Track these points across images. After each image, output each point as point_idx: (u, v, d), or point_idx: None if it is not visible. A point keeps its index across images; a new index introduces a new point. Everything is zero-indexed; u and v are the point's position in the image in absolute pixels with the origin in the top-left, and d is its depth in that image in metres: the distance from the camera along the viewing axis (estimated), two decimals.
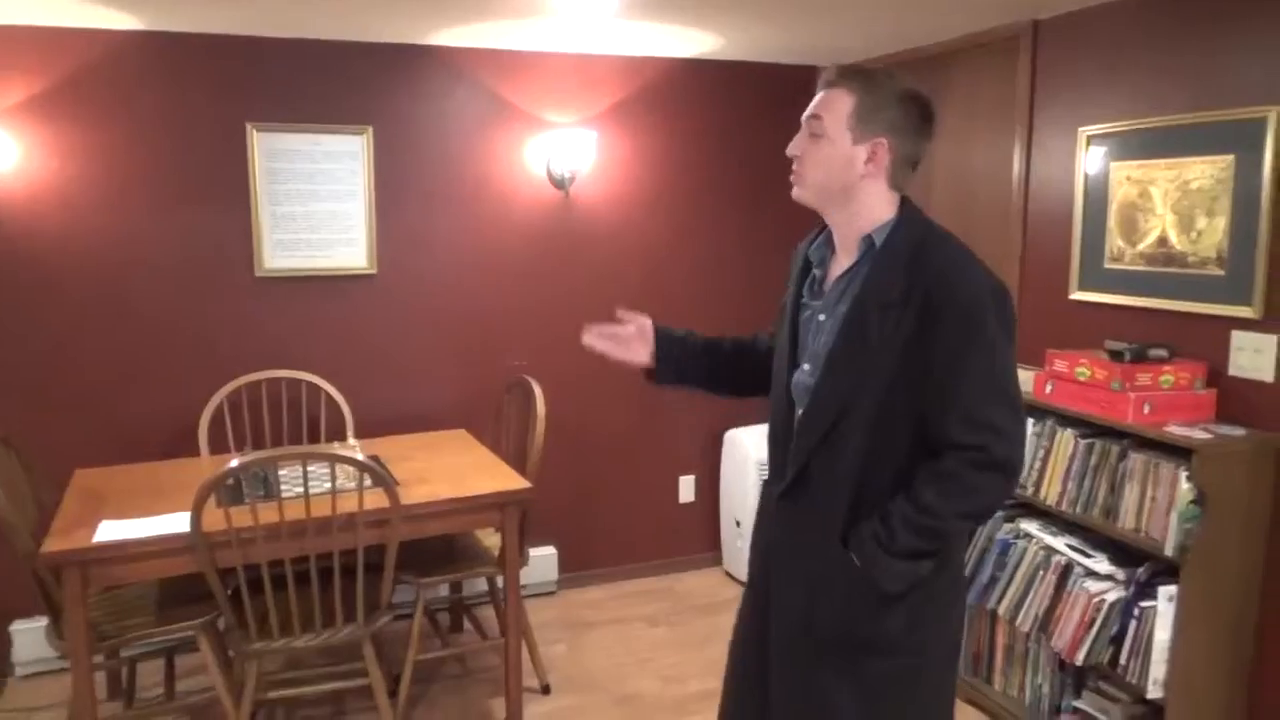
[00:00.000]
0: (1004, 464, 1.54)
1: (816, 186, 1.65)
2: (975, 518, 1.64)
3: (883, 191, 1.63)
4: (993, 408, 1.53)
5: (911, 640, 1.66)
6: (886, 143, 1.59)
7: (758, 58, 3.90)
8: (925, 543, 1.57)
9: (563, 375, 3.80)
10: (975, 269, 1.56)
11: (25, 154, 3.15)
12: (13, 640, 3.31)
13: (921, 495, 1.55)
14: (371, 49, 3.46)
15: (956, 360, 1.52)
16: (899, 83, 1.61)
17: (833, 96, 1.61)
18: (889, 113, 1.58)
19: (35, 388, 3.26)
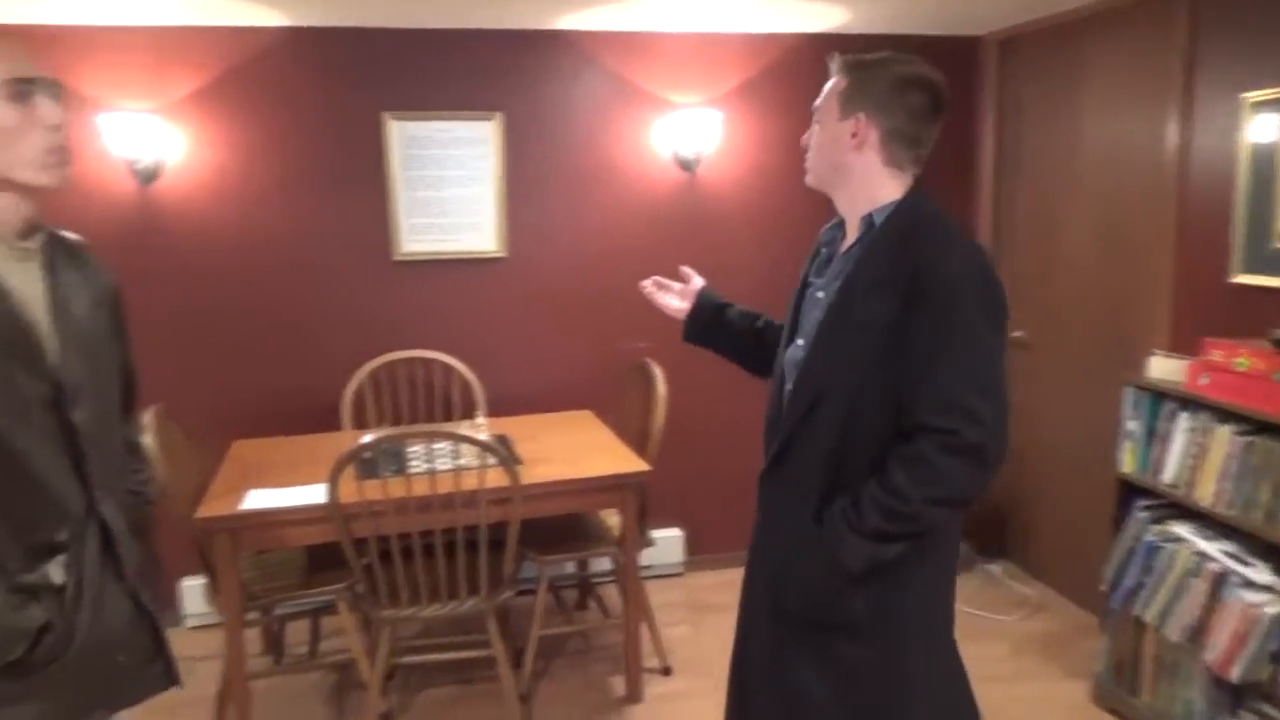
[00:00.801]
0: (976, 450, 1.50)
1: (816, 168, 1.71)
2: (946, 504, 1.55)
3: (877, 168, 1.64)
4: (967, 391, 1.50)
5: (881, 627, 1.64)
6: (865, 117, 1.61)
7: (892, 30, 3.74)
8: (892, 526, 1.54)
9: (688, 358, 3.75)
10: (960, 251, 1.56)
11: (189, 146, 3.40)
12: (182, 595, 3.60)
13: (892, 478, 1.53)
14: (501, 36, 3.54)
15: (931, 341, 1.51)
16: (900, 67, 1.63)
17: (831, 83, 1.68)
18: (875, 91, 1.62)
19: (198, 364, 3.53)
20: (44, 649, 1.42)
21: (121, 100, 3.30)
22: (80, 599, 1.47)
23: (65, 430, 1.45)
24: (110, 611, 1.52)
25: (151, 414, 2.73)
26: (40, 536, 1.43)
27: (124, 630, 1.56)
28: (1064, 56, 3.52)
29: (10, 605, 1.39)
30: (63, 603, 1.45)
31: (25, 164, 1.40)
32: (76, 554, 1.47)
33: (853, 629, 1.64)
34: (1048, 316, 3.73)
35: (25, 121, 1.39)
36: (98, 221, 3.34)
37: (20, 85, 1.39)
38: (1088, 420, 3.51)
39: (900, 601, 1.63)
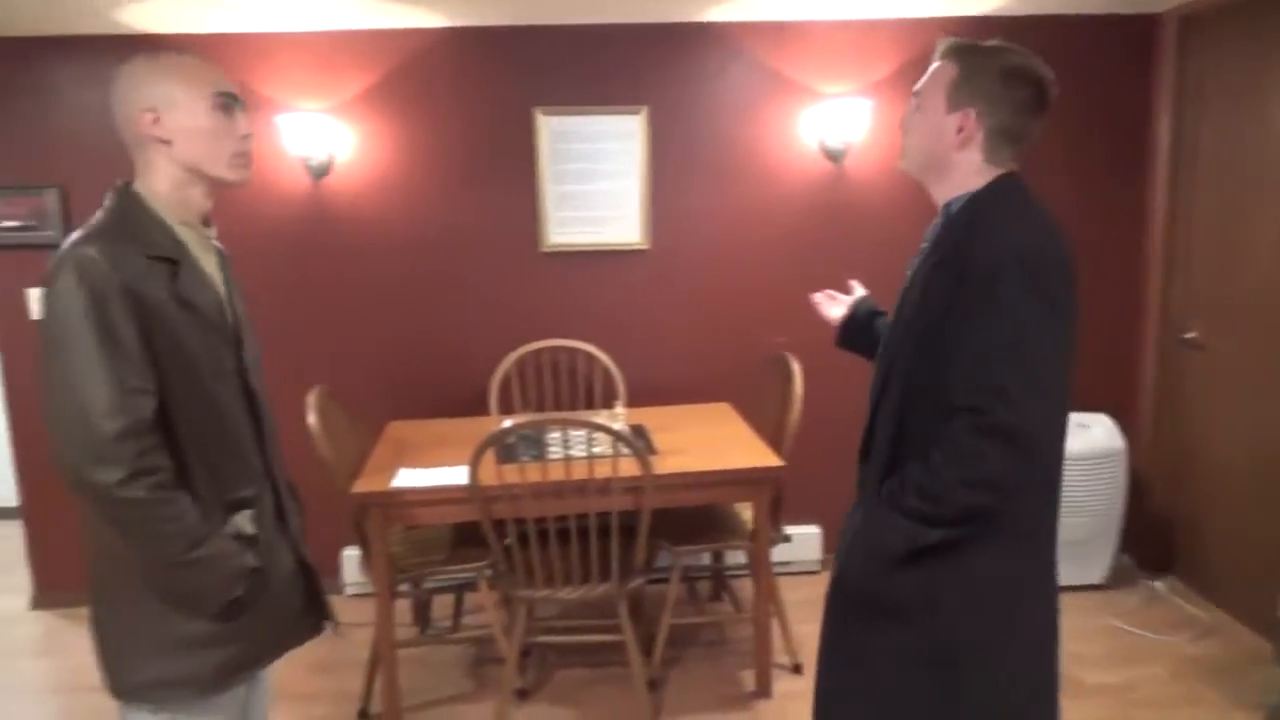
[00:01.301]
0: (1009, 431, 1.45)
1: (914, 157, 1.68)
2: (980, 488, 1.49)
3: (976, 163, 1.61)
4: (1001, 370, 1.45)
5: (928, 619, 1.60)
6: (975, 113, 1.57)
7: (1058, 9, 3.53)
8: (927, 506, 1.53)
9: (829, 354, 3.70)
10: (1008, 231, 1.51)
11: (357, 143, 3.61)
12: (342, 564, 3.85)
13: (931, 456, 1.52)
14: (648, 30, 3.57)
15: (968, 318, 1.49)
16: (1009, 58, 1.58)
17: (937, 69, 1.63)
18: (985, 84, 1.57)
19: (359, 350, 3.75)
20: (252, 590, 1.62)
21: (297, 101, 3.54)
22: (268, 551, 1.67)
23: (248, 397, 1.68)
24: (283, 562, 1.72)
25: (315, 394, 2.93)
26: (235, 492, 1.64)
27: (291, 580, 1.74)
28: (1254, 34, 3.22)
29: (234, 547, 1.59)
30: (258, 550, 1.65)
31: (219, 162, 1.62)
32: (260, 510, 1.68)
33: (898, 613, 1.63)
34: (1226, 316, 3.44)
35: (224, 128, 1.62)
36: (274, 216, 3.62)
37: (224, 98, 1.62)
38: (1270, 428, 3.22)
39: (952, 592, 1.59)
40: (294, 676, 3.21)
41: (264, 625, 1.67)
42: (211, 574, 1.55)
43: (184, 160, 1.59)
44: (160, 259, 1.54)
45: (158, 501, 1.47)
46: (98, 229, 1.52)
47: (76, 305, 1.44)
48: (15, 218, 3.55)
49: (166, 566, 1.52)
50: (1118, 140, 3.74)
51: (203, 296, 1.59)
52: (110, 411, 1.43)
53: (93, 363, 1.43)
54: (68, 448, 1.45)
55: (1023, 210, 1.57)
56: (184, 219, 1.62)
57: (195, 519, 1.53)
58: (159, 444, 1.50)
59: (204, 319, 1.58)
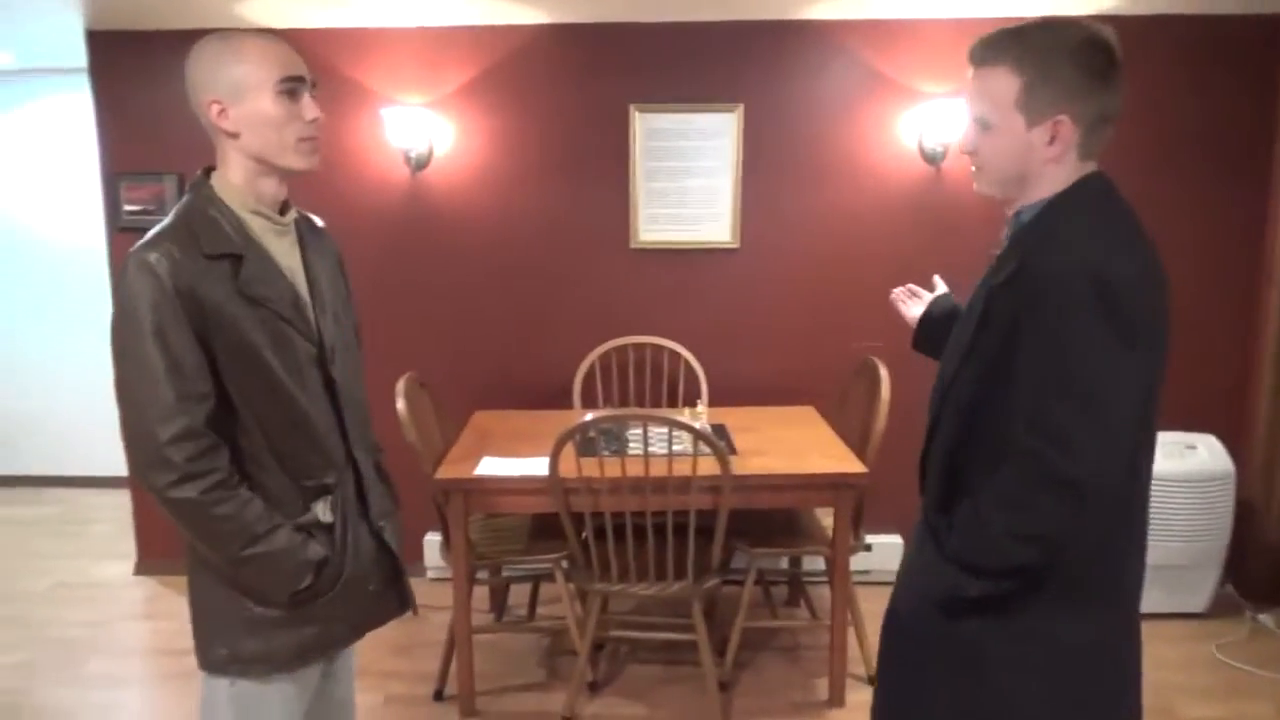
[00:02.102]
0: (1068, 482, 1.28)
1: (997, 181, 1.47)
2: (1033, 542, 1.33)
3: (1071, 165, 1.41)
4: (1062, 411, 1.28)
5: (977, 679, 1.45)
6: (1069, 117, 1.36)
7: (1179, 10, 3.36)
8: (971, 554, 1.39)
9: (920, 362, 3.63)
10: (1081, 240, 1.31)
11: (455, 137, 3.68)
12: (424, 548, 3.94)
13: (983, 500, 1.38)
14: (745, 27, 3.54)
15: (1030, 350, 1.32)
16: (1066, 33, 1.36)
17: (990, 78, 1.40)
18: (1063, 79, 1.35)
19: (449, 339, 3.83)
20: (324, 579, 1.63)
21: (400, 95, 3.64)
22: (345, 537, 1.68)
23: (328, 385, 1.66)
24: (363, 547, 1.73)
25: (404, 381, 3.00)
26: (313, 481, 1.64)
27: (371, 564, 1.75)
28: None
29: (297, 541, 1.59)
30: (332, 539, 1.66)
31: (286, 151, 1.58)
32: (340, 496, 1.68)
33: (944, 664, 1.49)
34: None
35: (290, 115, 1.57)
36: (374, 206, 3.72)
37: (290, 83, 1.56)
38: None
39: (998, 651, 1.43)
40: (374, 655, 3.30)
41: (340, 609, 1.68)
42: (271, 569, 1.57)
43: (252, 151, 1.56)
44: (222, 256, 1.51)
45: (211, 502, 1.49)
46: (164, 230, 1.51)
47: (134, 312, 1.45)
48: (139, 202, 3.76)
49: (226, 562, 1.55)
50: (1237, 145, 3.55)
51: (272, 288, 1.56)
52: (163, 418, 1.45)
53: (148, 369, 1.45)
54: (130, 449, 1.49)
55: (1105, 221, 1.37)
56: (256, 208, 1.59)
57: (254, 516, 1.53)
58: (214, 445, 1.50)
59: (274, 311, 1.56)
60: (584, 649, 2.97)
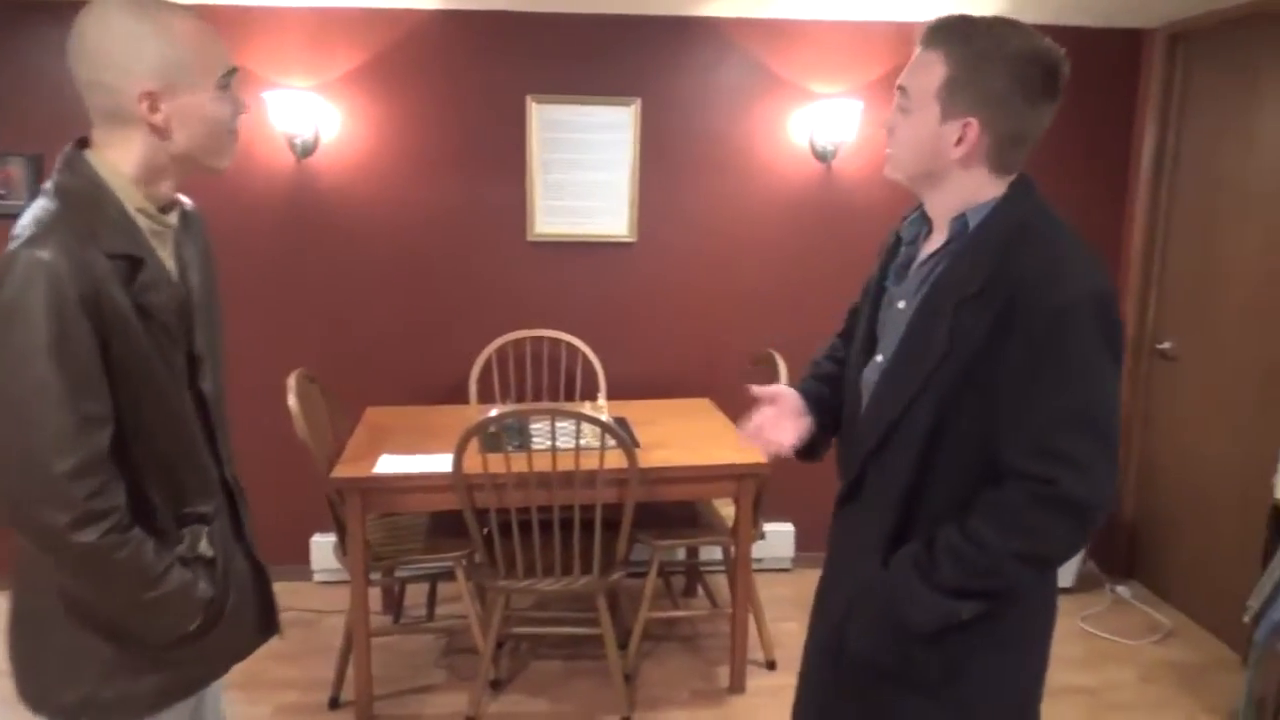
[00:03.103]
0: (1078, 505, 1.28)
1: (904, 168, 1.43)
2: (1035, 563, 1.35)
3: (983, 177, 1.38)
4: (1073, 437, 1.27)
5: (954, 689, 1.44)
6: (978, 122, 1.33)
7: (1051, 20, 3.57)
8: (970, 580, 1.35)
9: (810, 351, 3.74)
10: (1079, 267, 1.30)
11: (343, 123, 3.55)
12: (312, 551, 3.79)
13: (974, 525, 1.33)
14: (643, 21, 3.55)
15: (1035, 374, 1.28)
16: (1014, 40, 1.32)
17: (924, 62, 1.36)
18: (990, 82, 1.31)
19: (339, 332, 3.70)
20: (208, 621, 1.46)
21: (283, 78, 3.48)
22: (227, 569, 1.51)
23: (200, 402, 1.48)
24: (241, 575, 1.56)
25: (295, 376, 2.88)
26: (190, 509, 1.46)
27: (248, 591, 1.59)
28: (1241, 53, 3.28)
29: (188, 580, 1.42)
30: (215, 574, 1.48)
31: (221, 151, 1.44)
32: (220, 524, 1.51)
33: (920, 686, 1.46)
34: (1201, 329, 3.51)
35: (231, 113, 1.42)
36: (258, 193, 3.55)
37: (229, 77, 1.41)
38: (1239, 440, 3.29)
39: (979, 660, 1.44)
40: (260, 665, 3.11)
41: (217, 645, 1.52)
42: (163, 612, 1.40)
43: (178, 150, 1.38)
44: (120, 257, 1.32)
45: (110, 546, 1.29)
46: (52, 221, 1.28)
47: (26, 319, 1.22)
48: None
49: (120, 608, 1.38)
50: (1100, 152, 3.80)
51: (161, 296, 1.37)
52: (63, 446, 1.25)
53: (42, 389, 1.23)
54: (8, 478, 1.26)
55: (1077, 241, 1.35)
56: (143, 206, 1.38)
57: (150, 558, 1.36)
58: (113, 479, 1.31)
59: (162, 322, 1.38)
60: (488, 647, 2.93)
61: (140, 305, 1.34)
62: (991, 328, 1.30)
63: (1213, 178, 3.45)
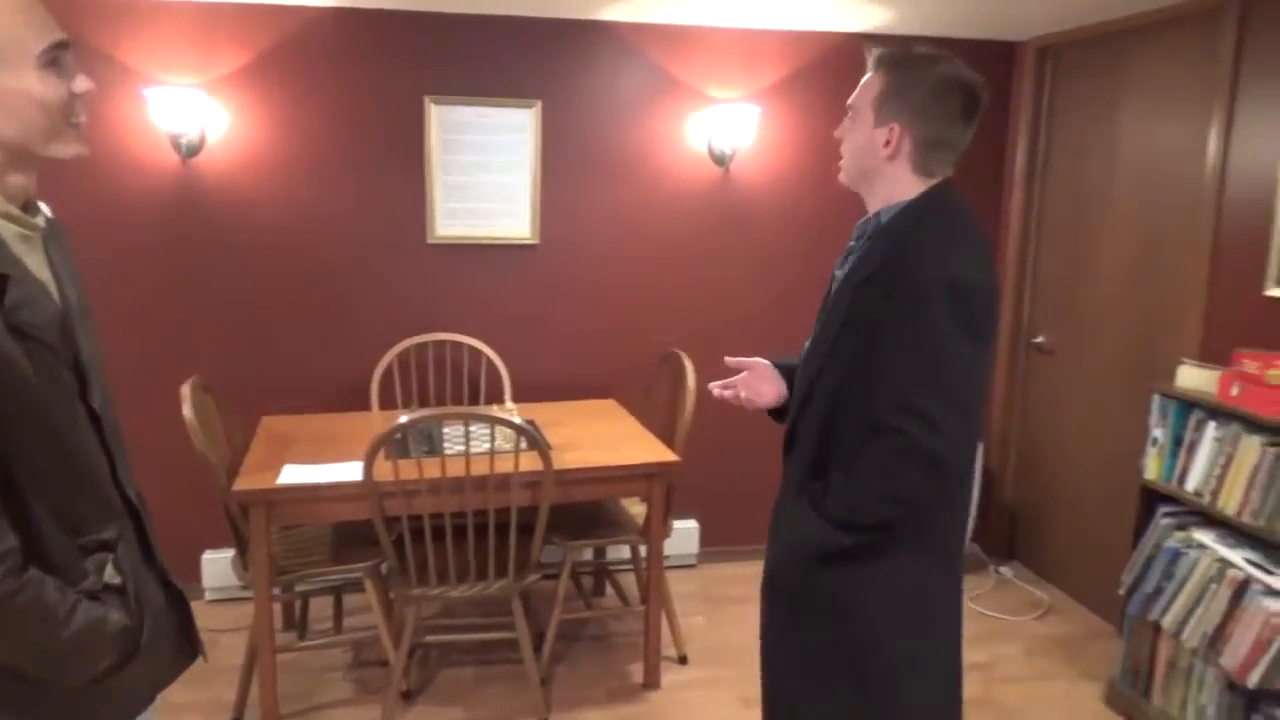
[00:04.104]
0: (930, 456, 1.51)
1: (849, 170, 1.70)
2: (898, 503, 1.58)
3: (907, 176, 1.63)
4: (924, 396, 1.51)
5: (847, 619, 1.67)
6: (899, 127, 1.59)
7: (932, 32, 3.76)
8: (846, 514, 1.60)
9: (714, 350, 3.80)
10: (941, 256, 1.53)
11: (231, 122, 3.42)
12: (203, 568, 3.63)
13: (855, 469, 1.58)
14: (544, 24, 3.56)
15: (896, 341, 1.53)
16: (939, 68, 1.60)
17: (868, 80, 1.65)
18: (914, 97, 1.59)
19: (232, 340, 3.55)
20: (125, 653, 1.35)
21: (165, 74, 3.32)
22: (138, 595, 1.40)
23: (93, 419, 1.36)
24: (155, 600, 1.46)
25: (188, 386, 2.76)
26: (91, 536, 1.35)
27: (165, 617, 1.48)
28: (1105, 65, 3.54)
29: (97, 615, 1.30)
30: (126, 601, 1.37)
31: (56, 137, 1.28)
32: (126, 549, 1.40)
33: (820, 613, 1.70)
34: (1074, 323, 3.76)
35: (60, 91, 1.26)
36: (139, 194, 3.38)
37: (56, 51, 1.25)
38: (1108, 426, 3.54)
39: (867, 596, 1.66)
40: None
41: (135, 677, 1.40)
42: (78, 654, 1.28)
43: (8, 140, 1.23)
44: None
45: (7, 593, 1.18)
46: None
47: None
48: None
49: (27, 659, 1.26)
50: (979, 157, 4.00)
51: (39, 314, 1.24)
52: None
53: None
54: None
55: (957, 232, 1.60)
56: (5, 209, 1.25)
57: (53, 597, 1.23)
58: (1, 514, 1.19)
59: (40, 340, 1.23)
60: (399, 658, 2.88)
61: (14, 326, 1.19)
62: (881, 304, 1.55)
63: (1079, 183, 3.71)
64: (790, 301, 3.93)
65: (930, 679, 1.74)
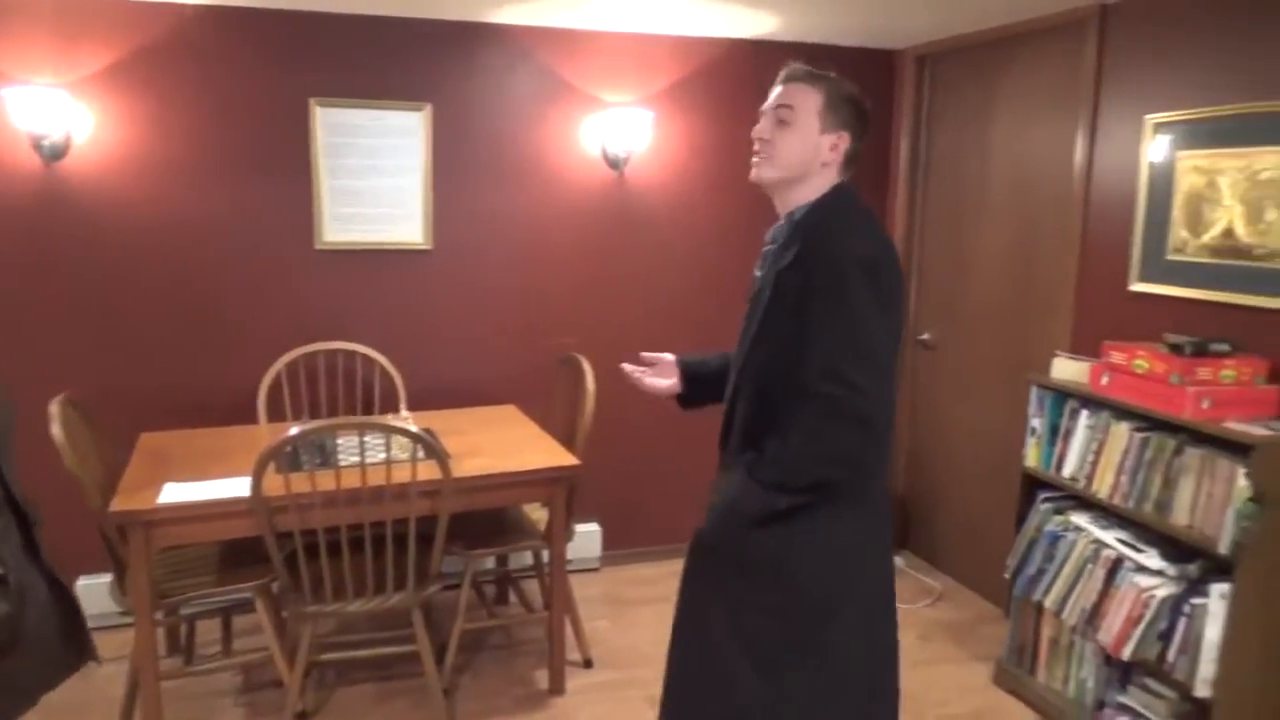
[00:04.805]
0: (858, 416, 1.64)
1: (784, 169, 1.82)
2: (830, 463, 1.71)
3: (831, 178, 1.83)
4: (848, 362, 1.64)
5: (782, 577, 1.79)
6: (847, 135, 1.81)
7: (818, 40, 3.86)
8: (784, 477, 1.72)
9: (612, 353, 3.80)
10: (852, 238, 1.71)
11: (99, 124, 3.24)
12: (77, 595, 3.42)
13: (788, 435, 1.70)
14: (433, 26, 3.50)
15: (819, 315, 1.67)
16: (852, 88, 1.84)
17: (800, 90, 1.82)
18: (847, 111, 1.81)
19: (104, 353, 3.37)
20: (6, 641, 1.39)
21: (25, 74, 3.13)
22: (20, 586, 1.42)
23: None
24: (39, 597, 1.48)
25: (57, 403, 2.61)
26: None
27: (49, 614, 1.51)
28: (979, 73, 3.70)
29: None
30: (7, 592, 1.39)
31: None
32: (6, 542, 1.43)
33: (751, 570, 1.81)
34: (955, 320, 3.92)
35: None
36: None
37: None
38: (991, 419, 3.70)
39: (799, 553, 1.78)
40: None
41: (18, 672, 1.44)
42: None
43: None
44: None
45: None
46: None
47: None
48: None
49: None
50: (865, 162, 4.11)
51: None
52: None
53: None
54: None
55: (863, 220, 1.80)
56: None
57: None
58: None
59: None
60: (294, 678, 2.78)
61: None
62: (801, 287, 1.70)
63: (959, 185, 3.87)
64: (685, 301, 3.97)
65: (867, 630, 1.86)
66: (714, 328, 3.51)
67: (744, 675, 1.82)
